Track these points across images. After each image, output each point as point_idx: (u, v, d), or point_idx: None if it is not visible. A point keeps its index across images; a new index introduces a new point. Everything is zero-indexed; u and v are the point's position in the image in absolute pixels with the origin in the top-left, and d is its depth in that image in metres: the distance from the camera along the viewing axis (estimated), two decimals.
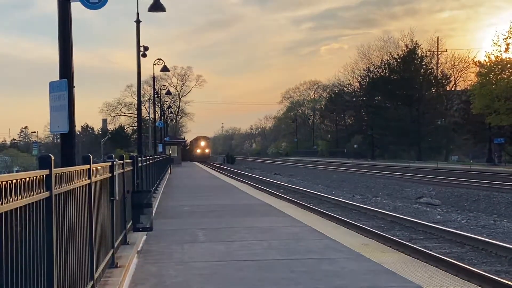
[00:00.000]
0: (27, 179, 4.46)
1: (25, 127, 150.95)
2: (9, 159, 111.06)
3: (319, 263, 10.93)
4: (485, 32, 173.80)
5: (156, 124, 67.54)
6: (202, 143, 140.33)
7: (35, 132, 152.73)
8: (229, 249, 12.63)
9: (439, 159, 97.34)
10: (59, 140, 11.09)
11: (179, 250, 12.48)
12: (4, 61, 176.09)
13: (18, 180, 4.21)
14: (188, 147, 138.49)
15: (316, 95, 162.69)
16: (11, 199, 4.02)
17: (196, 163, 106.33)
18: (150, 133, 65.31)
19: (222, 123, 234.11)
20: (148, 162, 22.95)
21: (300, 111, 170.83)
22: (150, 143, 63.01)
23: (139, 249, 12.37)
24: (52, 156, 5.31)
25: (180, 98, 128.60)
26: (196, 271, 10.31)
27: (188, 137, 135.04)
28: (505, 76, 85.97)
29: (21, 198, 4.26)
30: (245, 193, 30.94)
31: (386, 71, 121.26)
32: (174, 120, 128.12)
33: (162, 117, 76.82)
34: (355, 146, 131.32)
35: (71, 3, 10.60)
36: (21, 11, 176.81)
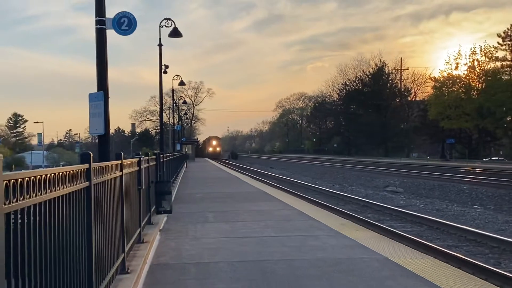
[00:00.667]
0: (72, 171, 4.52)
1: (69, 130, 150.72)
2: (57, 156, 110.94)
3: (306, 239, 10.95)
4: (439, 54, 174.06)
5: (175, 127, 67.53)
6: (214, 142, 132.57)
7: (77, 134, 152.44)
8: (233, 228, 12.66)
9: (402, 156, 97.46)
10: (97, 141, 11.05)
11: (193, 229, 12.51)
12: (53, 76, 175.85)
13: (65, 172, 4.28)
14: (200, 146, 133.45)
15: (303, 104, 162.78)
16: (60, 187, 4.08)
17: (207, 159, 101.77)
18: (170, 135, 65.35)
19: (228, 127, 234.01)
20: (168, 158, 22.94)
21: (290, 117, 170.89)
22: (170, 143, 63.04)
23: (161, 228, 12.40)
24: (91, 153, 5.37)
25: (194, 107, 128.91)
26: (206, 246, 10.35)
27: (201, 138, 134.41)
28: (455, 89, 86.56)
29: (67, 187, 4.31)
30: (246, 183, 30.94)
31: (360, 85, 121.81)
32: (189, 124, 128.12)
33: (180, 122, 76.66)
34: (335, 145, 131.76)
35: (107, 31, 10.62)
36: (67, 36, 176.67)
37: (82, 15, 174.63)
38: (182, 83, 51.87)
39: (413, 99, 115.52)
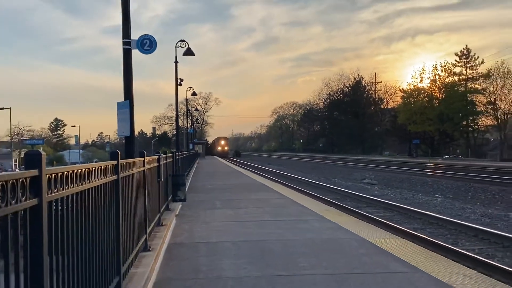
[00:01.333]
0: (103, 167, 4.54)
1: (101, 132, 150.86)
2: (91, 154, 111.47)
3: (297, 222, 10.95)
4: (407, 69, 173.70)
5: (188, 130, 67.73)
6: (222, 142, 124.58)
7: (107, 135, 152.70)
8: (237, 213, 12.67)
9: (376, 154, 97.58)
10: (124, 141, 11.02)
11: (203, 214, 12.52)
12: (87, 88, 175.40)
13: (98, 167, 4.30)
14: (210, 145, 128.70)
15: (294, 111, 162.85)
16: (94, 180, 4.09)
17: (215, 157, 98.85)
18: (184, 136, 65.41)
19: (232, 130, 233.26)
20: (182, 156, 22.96)
21: (284, 122, 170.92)
22: (184, 143, 63.14)
23: (176, 213, 12.41)
24: (119, 152, 5.38)
25: (204, 113, 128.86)
26: (214, 228, 10.36)
27: (209, 139, 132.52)
28: (420, 99, 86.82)
29: (99, 180, 4.32)
30: (247, 176, 30.93)
31: (341, 95, 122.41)
32: (200, 128, 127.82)
33: (192, 126, 76.79)
34: (320, 145, 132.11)
35: (132, 50, 10.61)
36: (99, 55, 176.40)
37: (112, 37, 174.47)
38: (194, 94, 52.16)
39: (385, 107, 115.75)
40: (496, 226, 14.12)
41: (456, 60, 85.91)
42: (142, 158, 7.63)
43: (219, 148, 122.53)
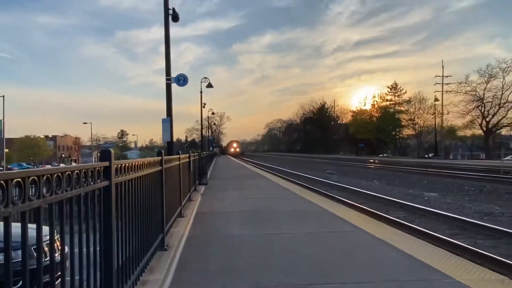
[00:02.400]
0: (152, 161, 4.55)
1: (151, 139, 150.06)
2: (144, 153, 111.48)
3: (281, 199, 10.99)
4: (355, 97, 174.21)
5: (209, 138, 67.95)
6: (235, 144, 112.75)
7: (156, 141, 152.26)
8: (241, 194, 12.65)
9: (335, 154, 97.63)
10: (166, 145, 11.05)
11: (219, 194, 12.50)
12: (143, 109, 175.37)
13: (149, 161, 4.31)
14: (224, 147, 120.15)
15: (280, 125, 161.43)
16: (148, 171, 4.10)
17: (228, 156, 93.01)
18: (207, 142, 65.62)
19: (238, 137, 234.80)
20: (205, 155, 22.96)
21: (273, 132, 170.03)
22: (206, 146, 63.45)
23: (201, 193, 12.42)
24: (163, 151, 5.38)
25: (219, 126, 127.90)
26: (227, 203, 10.36)
27: (223, 144, 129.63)
28: (364, 117, 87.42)
29: (151, 170, 4.34)
30: (248, 169, 30.98)
31: (311, 114, 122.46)
32: (217, 136, 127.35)
33: (211, 135, 77.31)
34: (298, 147, 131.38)
35: (171, 84, 10.64)
36: (150, 87, 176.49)
37: (158, 75, 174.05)
38: (213, 113, 53.28)
39: (341, 122, 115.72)
40: (415, 201, 14.14)
41: (388, 91, 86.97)
42: (178, 156, 7.67)
43: (232, 150, 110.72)
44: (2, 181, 1.55)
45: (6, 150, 47.78)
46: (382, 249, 5.28)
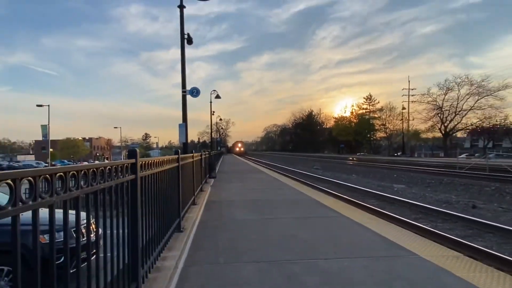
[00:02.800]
0: (171, 158, 4.53)
1: (170, 140, 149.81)
2: (164, 153, 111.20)
3: (277, 189, 10.91)
4: (337, 106, 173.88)
5: (217, 139, 67.78)
6: (239, 144, 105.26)
7: (173, 142, 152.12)
8: (244, 185, 12.60)
9: (321, 153, 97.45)
10: (182, 145, 11.02)
11: (226, 185, 12.46)
12: (164, 116, 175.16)
13: (168, 159, 4.29)
14: (230, 147, 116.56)
15: (276, 129, 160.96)
16: (167, 167, 4.09)
17: (233, 154, 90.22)
18: (215, 143, 65.56)
19: (241, 139, 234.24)
20: (214, 153, 22.98)
21: (270, 135, 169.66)
22: (215, 146, 63.34)
23: (211, 185, 12.40)
24: (179, 151, 5.36)
25: (226, 130, 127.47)
26: (231, 193, 10.31)
27: (229, 144, 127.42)
28: (344, 122, 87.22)
29: (170, 166, 4.33)
30: (250, 165, 30.85)
31: (301, 120, 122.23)
32: (224, 138, 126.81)
33: (219, 137, 77.00)
34: (290, 147, 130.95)
35: (186, 96, 10.63)
36: (169, 98, 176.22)
37: (176, 88, 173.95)
38: (220, 119, 53.18)
39: (325, 127, 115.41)
40: (386, 192, 14.10)
41: (364, 101, 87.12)
42: (192, 154, 7.66)
43: (237, 149, 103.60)
44: (48, 175, 1.55)
45: (50, 149, 47.77)
46: (359, 230, 5.27)
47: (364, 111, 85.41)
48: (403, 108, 62.91)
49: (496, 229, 7.33)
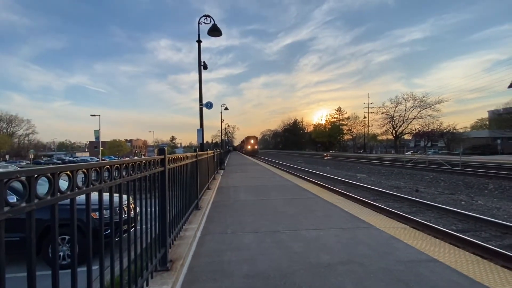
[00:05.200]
0: (191, 155, 4.49)
1: (191, 142, 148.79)
2: (186, 151, 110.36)
3: (270, 177, 10.82)
4: (316, 116, 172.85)
5: (226, 141, 67.48)
6: (252, 141, 58.32)
7: (193, 143, 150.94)
8: (246, 175, 12.48)
9: (303, 151, 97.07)
10: (199, 145, 10.91)
11: (232, 175, 12.36)
12: (185, 123, 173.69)
13: (188, 155, 4.25)
14: (236, 146, 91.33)
15: (270, 133, 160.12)
16: (188, 161, 4.05)
17: (239, 153, 63.39)
18: (224, 143, 65.38)
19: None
20: (223, 151, 22.88)
21: (265, 137, 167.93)
22: (224, 146, 63.15)
23: (221, 175, 12.32)
24: (197, 149, 5.33)
25: (232, 134, 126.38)
26: (236, 181, 10.22)
27: (235, 144, 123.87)
28: (321, 127, 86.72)
29: (189, 161, 4.29)
30: (250, 159, 30.66)
31: (289, 126, 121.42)
32: (231, 139, 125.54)
33: (227, 139, 76.88)
34: (280, 147, 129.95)
35: (203, 108, 10.57)
36: (189, 110, 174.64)
37: (194, 102, 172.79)
38: (228, 125, 53.63)
39: (307, 131, 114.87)
40: (351, 179, 14.08)
41: (335, 112, 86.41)
42: (207, 151, 7.61)
43: (249, 147, 57.17)
44: (97, 168, 1.54)
45: (101, 148, 47.60)
46: (331, 208, 5.26)
47: (335, 119, 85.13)
48: (364, 117, 63.41)
49: (433, 207, 7.34)
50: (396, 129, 58.60)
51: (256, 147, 51.15)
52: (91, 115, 41.16)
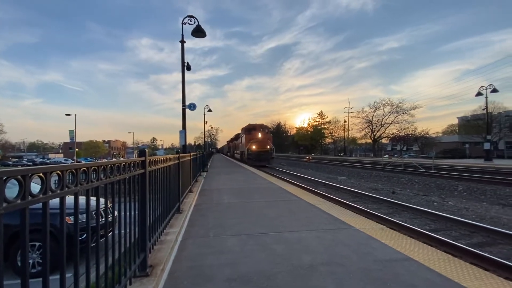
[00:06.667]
0: (173, 157, 4.40)
1: (172, 143, 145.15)
2: (168, 153, 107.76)
3: (253, 180, 10.76)
4: (298, 119, 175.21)
5: (209, 142, 66.67)
6: (259, 135, 20.55)
7: (175, 144, 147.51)
8: (230, 177, 12.33)
9: (286, 153, 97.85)
10: (182, 147, 10.70)
11: (216, 177, 12.19)
12: (168, 125, 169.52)
13: (171, 157, 4.15)
14: (226, 144, 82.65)
15: None
16: (170, 163, 3.96)
17: (228, 156, 64.79)
18: (207, 145, 64.52)
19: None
20: (206, 153, 22.59)
21: None
22: (206, 148, 62.35)
23: (204, 177, 12.14)
24: (180, 151, 5.22)
25: (215, 136, 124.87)
26: (220, 183, 10.08)
27: (218, 146, 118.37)
28: (303, 131, 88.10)
29: (171, 163, 4.20)
30: (233, 162, 30.40)
31: (272, 129, 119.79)
32: (214, 141, 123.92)
33: (211, 141, 75.95)
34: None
35: (186, 109, 10.40)
36: (172, 111, 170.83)
37: (177, 103, 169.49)
38: (211, 127, 52.24)
39: (290, 134, 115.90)
40: (332, 182, 14.39)
41: (317, 116, 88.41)
42: (189, 153, 7.48)
43: (254, 147, 21.56)
44: (73, 170, 1.47)
45: (76, 149, 45.29)
46: (313, 210, 5.33)
47: (317, 123, 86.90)
48: (345, 121, 65.57)
49: (409, 208, 7.66)
50: (374, 133, 61.01)
51: (268, 146, 23.36)
52: (66, 115, 39.04)
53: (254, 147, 16.90)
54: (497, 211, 7.81)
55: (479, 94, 26.97)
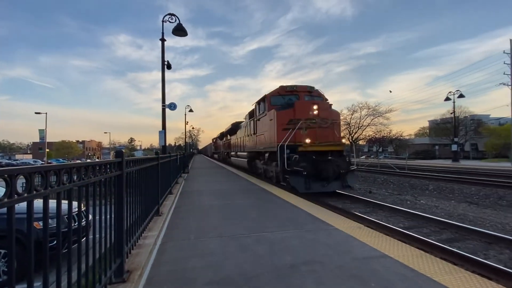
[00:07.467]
0: (152, 157, 4.29)
1: (151, 144, 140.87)
2: (147, 153, 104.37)
3: (235, 181, 10.72)
4: None
5: (190, 143, 65.44)
6: (315, 108, 6.72)
7: (154, 145, 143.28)
8: (211, 178, 12.19)
9: None
10: (161, 147, 10.43)
11: (197, 179, 11.99)
12: (146, 124, 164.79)
13: (150, 158, 4.04)
14: (211, 143, 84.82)
15: None
16: (148, 164, 3.85)
17: (202, 155, 64.62)
18: (188, 146, 63.30)
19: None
20: (187, 154, 22.16)
21: None
22: (188, 149, 61.14)
23: (184, 178, 11.91)
24: (159, 152, 5.09)
25: (197, 136, 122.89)
26: (200, 185, 9.94)
27: (199, 147, 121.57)
28: None
29: (150, 164, 4.08)
30: (214, 162, 30.04)
31: None
32: (195, 142, 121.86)
33: (192, 141, 74.55)
34: None
35: (166, 109, 10.15)
36: (151, 110, 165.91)
37: (156, 103, 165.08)
38: (192, 128, 52.22)
39: None
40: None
41: None
42: (169, 154, 7.32)
43: (308, 141, 7.50)
44: (43, 171, 1.37)
45: (47, 150, 42.58)
46: (294, 210, 5.39)
47: None
48: None
49: (384, 207, 8.00)
50: (352, 135, 63.48)
51: (339, 141, 8.30)
52: (36, 113, 36.59)
53: (308, 141, 7.48)
54: (464, 208, 8.38)
55: (447, 99, 28.92)
